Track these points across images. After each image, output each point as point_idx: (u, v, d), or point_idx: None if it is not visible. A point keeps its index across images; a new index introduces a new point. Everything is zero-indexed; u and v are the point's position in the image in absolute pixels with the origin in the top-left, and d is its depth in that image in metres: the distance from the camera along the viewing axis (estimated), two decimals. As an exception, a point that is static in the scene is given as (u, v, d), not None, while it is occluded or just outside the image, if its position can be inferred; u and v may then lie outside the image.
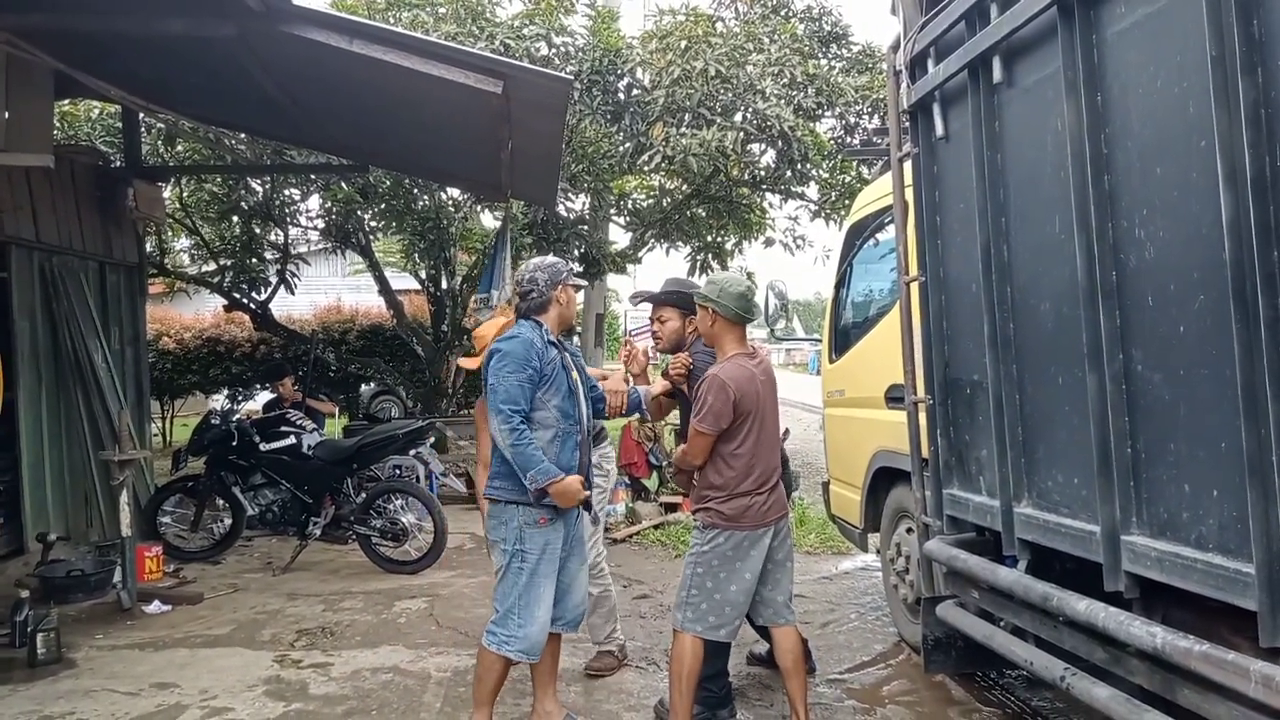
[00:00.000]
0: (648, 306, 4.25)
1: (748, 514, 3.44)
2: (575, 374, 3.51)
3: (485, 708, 3.45)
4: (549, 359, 3.39)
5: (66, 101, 8.51)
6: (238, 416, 6.90)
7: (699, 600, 3.47)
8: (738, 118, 8.42)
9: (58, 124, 8.31)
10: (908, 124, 3.84)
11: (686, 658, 3.47)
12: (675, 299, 4.04)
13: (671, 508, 7.93)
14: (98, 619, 5.23)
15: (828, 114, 9.41)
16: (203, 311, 14.74)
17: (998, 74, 3.08)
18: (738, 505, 3.44)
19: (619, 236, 11.81)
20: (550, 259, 3.58)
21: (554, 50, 8.66)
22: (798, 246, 11.01)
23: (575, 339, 20.05)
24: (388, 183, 9.71)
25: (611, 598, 4.44)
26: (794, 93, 8.69)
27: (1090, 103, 2.64)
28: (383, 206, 10.23)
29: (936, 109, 3.55)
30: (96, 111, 9.36)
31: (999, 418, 3.20)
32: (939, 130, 3.54)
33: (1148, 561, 2.48)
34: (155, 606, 5.41)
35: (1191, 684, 2.39)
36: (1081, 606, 2.72)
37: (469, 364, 4.27)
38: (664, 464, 8.60)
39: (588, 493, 3.49)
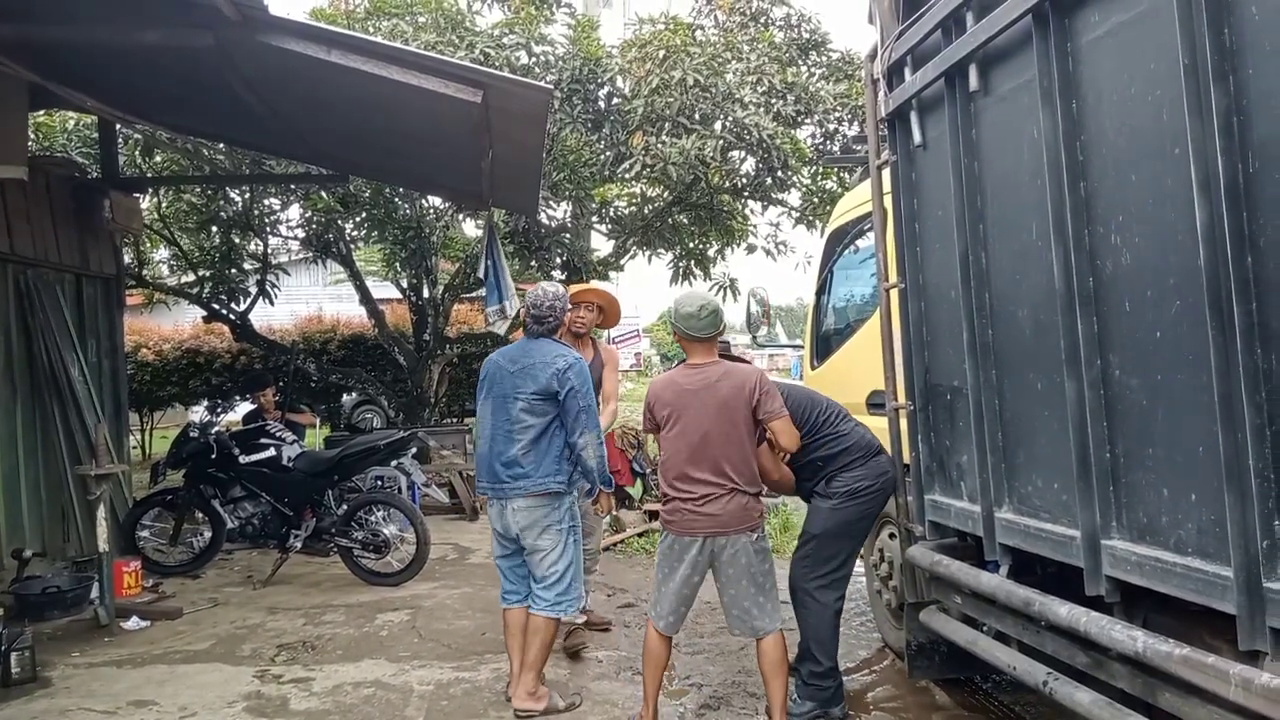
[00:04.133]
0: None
1: (674, 518, 3.64)
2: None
3: (540, 670, 4.03)
4: None
5: (42, 113, 8.42)
6: (217, 429, 6.83)
7: (655, 588, 3.76)
8: (717, 126, 8.43)
9: (33, 135, 8.22)
10: (886, 131, 3.86)
11: (646, 639, 3.78)
12: None
13: (655, 515, 7.91)
14: (74, 636, 5.16)
15: (807, 121, 9.43)
16: (182, 323, 14.59)
17: (974, 82, 3.10)
18: (669, 508, 3.68)
19: (601, 244, 11.80)
20: (557, 289, 4.19)
21: (534, 59, 8.65)
22: (779, 252, 11.01)
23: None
24: (368, 192, 9.66)
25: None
26: (773, 100, 8.71)
27: (1066, 110, 2.67)
28: (363, 216, 10.17)
29: (914, 117, 3.57)
30: (73, 122, 9.26)
31: (979, 423, 3.22)
32: (916, 138, 3.57)
33: (1128, 566, 2.50)
34: (133, 622, 5.35)
35: (1172, 688, 2.40)
36: (1063, 611, 2.73)
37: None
38: (648, 471, 8.60)
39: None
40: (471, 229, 11.93)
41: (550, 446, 3.95)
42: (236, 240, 10.34)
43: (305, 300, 16.87)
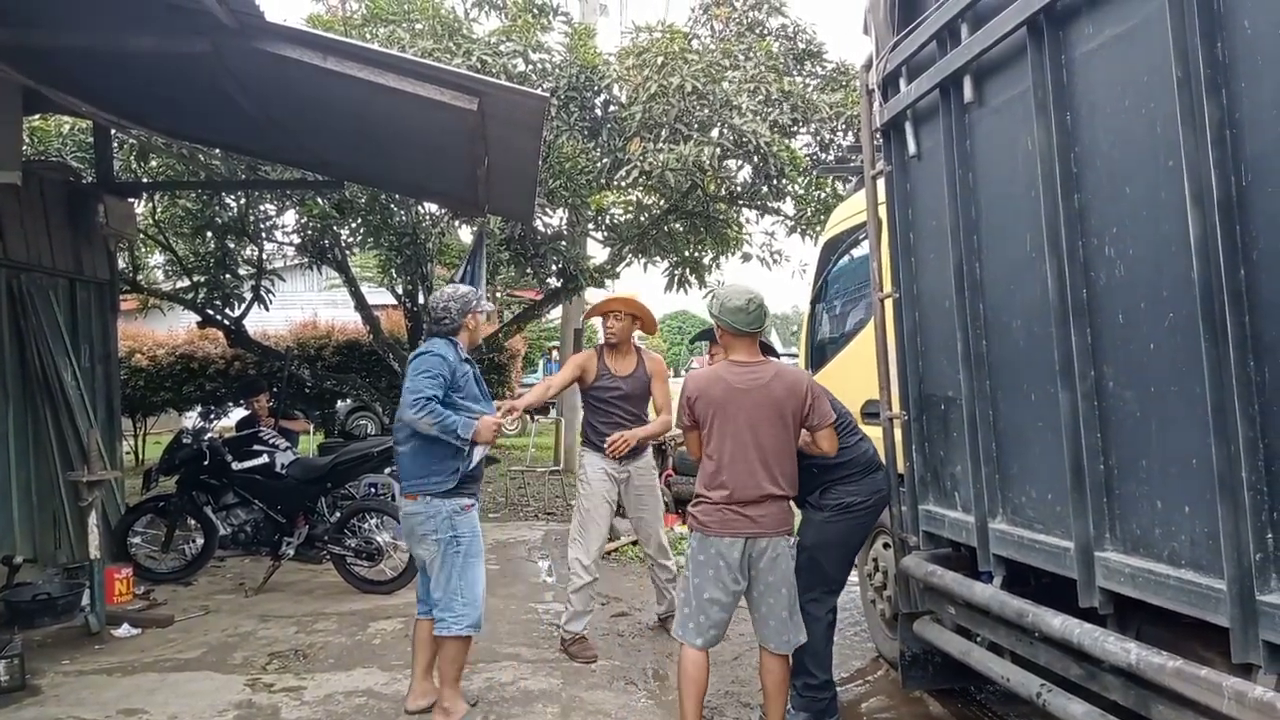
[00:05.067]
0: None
1: (710, 519, 3.51)
2: (483, 384, 4.18)
3: (457, 684, 3.97)
4: (462, 372, 3.98)
5: (36, 117, 8.40)
6: (210, 435, 6.81)
7: (683, 604, 3.58)
8: (714, 133, 8.45)
9: (27, 140, 8.21)
10: (880, 142, 3.87)
11: (680, 665, 3.56)
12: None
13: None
14: (65, 643, 5.12)
15: (803, 130, 9.46)
16: (176, 328, 14.56)
17: (969, 93, 3.11)
18: (704, 510, 3.54)
19: (597, 252, 11.80)
20: (463, 289, 4.14)
21: (531, 67, 8.66)
22: (775, 261, 11.04)
23: (554, 353, 20.03)
24: (364, 198, 9.65)
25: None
26: (769, 109, 8.73)
27: (1060, 122, 2.68)
28: (359, 222, 10.16)
29: (909, 127, 3.58)
30: (68, 127, 9.24)
31: (973, 434, 3.22)
32: (911, 148, 3.58)
33: (1121, 577, 2.50)
34: (124, 630, 5.32)
35: (1166, 700, 2.40)
36: (1056, 623, 2.73)
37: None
38: (670, 476, 8.61)
39: (502, 419, 4.09)
40: (467, 235, 11.92)
41: (422, 448, 3.87)
42: (231, 246, 10.32)
43: (300, 306, 16.85)
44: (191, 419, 9.64)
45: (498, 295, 14.69)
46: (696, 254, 11.21)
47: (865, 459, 3.98)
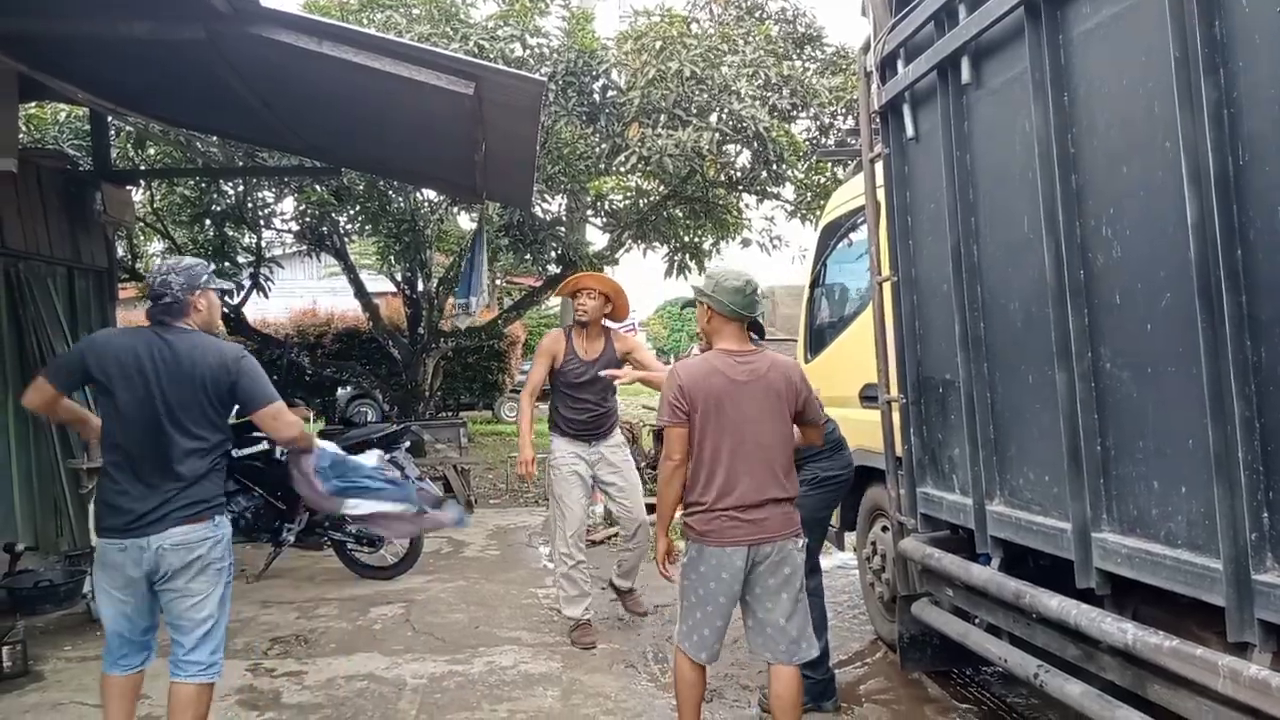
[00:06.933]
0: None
1: (710, 528, 3.15)
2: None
3: None
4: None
5: (33, 105, 8.37)
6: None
7: (684, 615, 3.26)
8: (713, 119, 8.42)
9: (23, 127, 8.17)
10: (879, 125, 3.85)
11: (678, 671, 3.30)
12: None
13: (651, 509, 7.90)
14: (67, 630, 5.15)
15: (802, 115, 9.44)
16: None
17: (966, 75, 3.09)
18: (701, 518, 3.17)
19: (596, 238, 11.80)
20: (188, 260, 3.25)
21: (529, 51, 8.62)
22: (774, 246, 11.03)
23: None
24: (362, 185, 9.64)
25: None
26: (769, 94, 8.70)
27: (1057, 103, 2.66)
28: (358, 209, 10.16)
29: (907, 110, 3.56)
30: (64, 114, 9.21)
31: (971, 416, 3.22)
32: (909, 131, 3.56)
33: (1118, 558, 2.51)
34: (126, 616, 5.33)
35: (1162, 679, 2.41)
36: (1054, 604, 2.74)
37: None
38: (642, 465, 8.59)
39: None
40: (466, 222, 11.91)
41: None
42: (230, 233, 10.32)
43: (299, 294, 16.86)
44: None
45: (498, 282, 14.67)
46: (696, 239, 11.19)
47: (834, 437, 3.93)
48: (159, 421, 2.99)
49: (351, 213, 10.35)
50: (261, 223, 10.51)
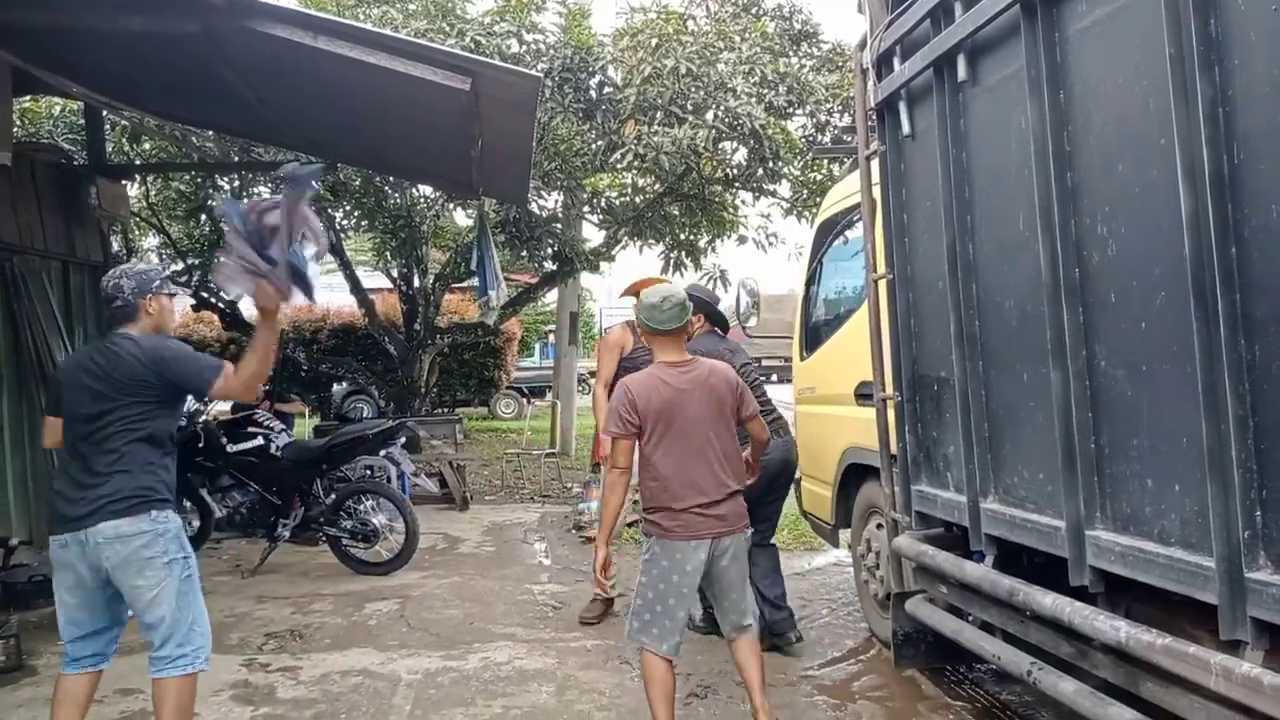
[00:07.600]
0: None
1: (675, 524, 3.35)
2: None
3: None
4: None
5: (27, 98, 8.34)
6: (205, 417, 6.80)
7: (642, 610, 3.40)
8: (709, 116, 8.41)
9: (18, 121, 8.15)
10: (875, 122, 3.85)
11: (647, 670, 3.39)
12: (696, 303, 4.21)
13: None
14: (61, 625, 5.13)
15: (798, 112, 9.42)
16: (171, 311, 14.48)
17: (962, 72, 3.09)
18: (665, 515, 3.38)
19: (592, 234, 11.79)
20: (140, 266, 3.40)
21: (525, 47, 8.61)
22: (770, 244, 11.03)
23: (549, 337, 20.00)
24: (358, 181, 9.63)
25: None
26: (765, 91, 8.69)
27: (1053, 100, 2.66)
28: (353, 204, 10.14)
29: (903, 107, 3.56)
30: (59, 108, 9.20)
31: (965, 414, 3.22)
32: (905, 128, 3.56)
33: (1111, 556, 2.51)
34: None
35: (1155, 677, 2.41)
36: (1047, 601, 2.75)
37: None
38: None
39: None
40: (462, 218, 11.90)
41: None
42: (226, 228, 10.30)
43: (295, 289, 16.78)
44: (186, 402, 9.63)
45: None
46: (692, 237, 11.19)
47: (776, 424, 4.50)
48: (90, 422, 3.08)
49: (347, 208, 10.33)
50: (257, 218, 10.49)
